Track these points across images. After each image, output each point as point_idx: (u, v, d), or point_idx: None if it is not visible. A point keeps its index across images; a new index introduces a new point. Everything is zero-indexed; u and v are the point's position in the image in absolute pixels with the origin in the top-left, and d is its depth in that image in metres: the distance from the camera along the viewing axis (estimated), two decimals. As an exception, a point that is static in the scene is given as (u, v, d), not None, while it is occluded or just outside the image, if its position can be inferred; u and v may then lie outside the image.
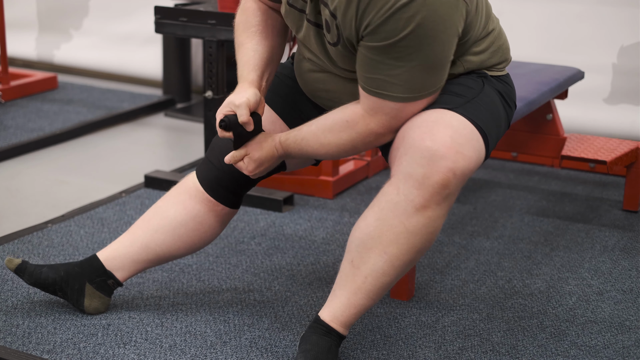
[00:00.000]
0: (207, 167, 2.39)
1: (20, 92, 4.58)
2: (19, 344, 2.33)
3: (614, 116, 3.96)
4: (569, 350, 2.36)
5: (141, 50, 5.00)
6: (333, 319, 2.17)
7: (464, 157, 2.02)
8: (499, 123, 2.20)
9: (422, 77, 2.03)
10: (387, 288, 2.14)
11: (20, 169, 3.69)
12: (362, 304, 2.15)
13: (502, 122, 2.22)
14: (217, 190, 2.38)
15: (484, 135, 2.10)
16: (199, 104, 4.66)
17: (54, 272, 2.45)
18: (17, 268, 2.44)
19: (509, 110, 2.27)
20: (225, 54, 3.30)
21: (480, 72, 2.21)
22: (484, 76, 2.20)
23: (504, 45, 2.28)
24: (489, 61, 2.22)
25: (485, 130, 2.10)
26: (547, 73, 3.19)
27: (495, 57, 2.23)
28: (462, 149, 2.02)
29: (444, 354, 2.33)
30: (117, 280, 2.45)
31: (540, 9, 4.06)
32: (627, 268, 2.84)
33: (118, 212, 3.18)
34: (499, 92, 2.23)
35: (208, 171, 2.38)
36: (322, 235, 3.03)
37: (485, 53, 2.20)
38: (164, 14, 3.25)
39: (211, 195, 2.38)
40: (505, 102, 2.25)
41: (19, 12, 5.28)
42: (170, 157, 3.93)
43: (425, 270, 2.79)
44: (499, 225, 3.13)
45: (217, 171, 2.37)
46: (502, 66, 2.27)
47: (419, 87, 2.04)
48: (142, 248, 2.42)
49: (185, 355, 2.29)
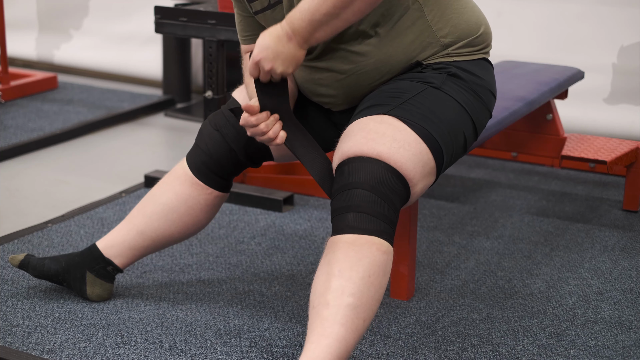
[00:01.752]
0: (195, 152, 2.43)
1: (20, 92, 4.58)
2: (19, 344, 2.33)
3: (614, 116, 3.97)
4: (569, 350, 2.36)
5: (141, 50, 5.00)
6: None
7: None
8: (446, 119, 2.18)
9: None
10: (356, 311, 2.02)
11: (20, 169, 3.69)
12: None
13: (455, 118, 2.20)
14: (206, 174, 2.41)
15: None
16: (199, 104, 4.66)
17: (56, 264, 2.52)
18: (21, 263, 2.53)
19: (477, 104, 2.25)
20: (225, 54, 3.30)
21: (444, 66, 2.21)
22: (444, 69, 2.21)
23: (471, 21, 2.25)
24: (447, 37, 2.21)
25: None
26: (547, 73, 3.19)
27: (454, 34, 2.22)
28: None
29: (444, 354, 2.33)
30: (117, 266, 2.51)
31: (540, 9, 4.06)
32: (627, 268, 2.84)
33: (118, 212, 3.18)
34: (464, 87, 2.22)
35: (197, 156, 2.42)
36: (322, 235, 3.03)
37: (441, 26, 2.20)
38: (164, 14, 3.25)
39: (200, 180, 2.42)
40: (475, 94, 2.24)
41: (19, 12, 5.28)
42: (170, 157, 3.93)
43: (425, 270, 2.79)
44: (499, 225, 3.13)
45: (205, 156, 2.41)
46: (469, 50, 2.25)
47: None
48: (138, 234, 2.48)
49: (185, 355, 2.29)
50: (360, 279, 1.98)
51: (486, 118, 2.30)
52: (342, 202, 2.05)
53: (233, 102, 2.42)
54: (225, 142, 2.39)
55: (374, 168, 2.05)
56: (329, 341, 1.94)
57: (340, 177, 2.09)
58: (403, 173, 2.07)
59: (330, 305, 1.96)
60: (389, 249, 2.03)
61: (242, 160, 2.41)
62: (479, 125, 2.28)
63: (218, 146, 2.39)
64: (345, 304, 1.96)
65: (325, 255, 2.04)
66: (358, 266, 1.98)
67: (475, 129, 2.26)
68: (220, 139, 2.39)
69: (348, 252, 2.00)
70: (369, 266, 1.99)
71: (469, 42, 2.25)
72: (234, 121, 2.38)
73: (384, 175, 2.05)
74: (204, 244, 2.93)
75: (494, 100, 2.34)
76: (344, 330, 1.95)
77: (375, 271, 2.00)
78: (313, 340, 1.95)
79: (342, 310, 1.96)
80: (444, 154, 2.16)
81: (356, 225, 2.02)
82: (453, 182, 3.53)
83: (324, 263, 2.02)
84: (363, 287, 1.98)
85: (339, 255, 2.00)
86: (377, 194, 2.03)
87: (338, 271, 1.98)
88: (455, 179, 3.56)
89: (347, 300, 1.96)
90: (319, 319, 1.97)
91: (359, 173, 2.05)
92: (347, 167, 2.08)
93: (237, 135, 2.38)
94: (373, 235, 2.01)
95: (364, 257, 1.99)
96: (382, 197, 2.04)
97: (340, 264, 1.99)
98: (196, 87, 4.86)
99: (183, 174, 2.44)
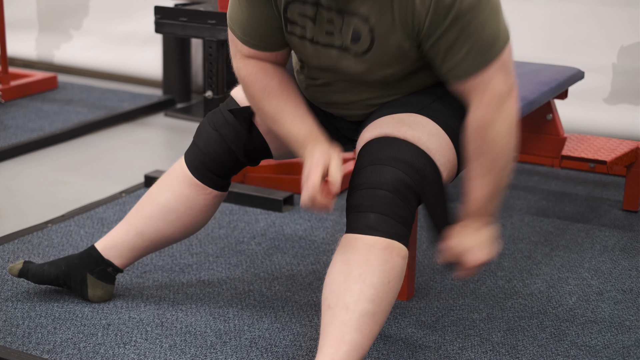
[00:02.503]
0: (194, 152, 2.41)
1: (20, 92, 4.58)
2: (19, 344, 2.33)
3: (614, 116, 3.96)
4: (569, 350, 2.36)
5: (141, 50, 5.00)
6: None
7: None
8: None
9: (496, 19, 1.97)
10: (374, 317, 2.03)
11: (20, 169, 3.69)
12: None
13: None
14: (205, 174, 2.40)
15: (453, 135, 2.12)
16: (199, 104, 4.65)
17: (55, 268, 2.51)
18: (20, 272, 2.52)
19: None
20: (225, 54, 3.30)
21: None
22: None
23: None
24: None
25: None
26: (547, 73, 3.19)
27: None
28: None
29: (444, 354, 2.33)
30: (116, 267, 2.50)
31: (540, 8, 4.06)
32: (627, 268, 2.84)
33: (118, 212, 3.18)
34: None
35: (195, 156, 2.41)
36: (322, 235, 3.03)
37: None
38: (164, 14, 3.25)
39: (199, 180, 2.40)
40: None
41: (19, 12, 5.28)
42: (170, 157, 3.93)
43: (425, 270, 2.79)
44: (499, 225, 3.13)
45: (203, 156, 2.39)
46: None
47: (498, 29, 1.98)
48: (137, 235, 2.47)
49: (185, 355, 2.29)
50: (382, 285, 1.97)
51: None
52: (363, 200, 2.02)
53: (232, 101, 2.41)
54: (224, 142, 2.38)
55: (410, 149, 2.03)
56: (347, 348, 1.94)
57: (369, 157, 2.05)
58: (437, 163, 2.08)
59: (350, 310, 1.95)
60: (406, 254, 2.03)
61: (241, 160, 2.40)
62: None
63: (217, 146, 2.38)
64: (365, 310, 1.95)
65: (342, 253, 2.01)
66: (380, 272, 1.97)
67: None
68: (219, 139, 2.38)
69: (369, 256, 1.98)
70: (390, 272, 1.98)
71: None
72: (232, 121, 2.36)
73: (427, 170, 2.05)
74: (204, 244, 2.93)
75: None
76: (361, 338, 1.95)
77: (394, 277, 1.99)
78: (331, 345, 1.94)
79: (362, 316, 1.95)
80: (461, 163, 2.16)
81: (378, 227, 1.99)
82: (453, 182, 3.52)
83: (342, 261, 2.00)
84: (383, 294, 1.97)
85: (359, 257, 1.98)
86: (400, 196, 2.01)
87: (358, 274, 1.96)
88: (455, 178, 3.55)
89: (367, 307, 1.95)
90: (337, 322, 1.95)
91: (387, 162, 2.03)
92: (378, 144, 2.05)
93: (236, 135, 2.37)
94: (393, 240, 2.00)
95: (385, 262, 1.98)
96: (404, 200, 2.02)
97: (361, 267, 1.97)
98: (196, 87, 4.86)
99: (182, 173, 2.43)
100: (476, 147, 2.06)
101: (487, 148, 2.05)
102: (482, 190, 2.10)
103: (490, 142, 2.04)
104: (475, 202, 2.12)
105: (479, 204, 2.11)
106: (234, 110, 2.33)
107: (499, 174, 2.08)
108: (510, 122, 2.04)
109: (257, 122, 2.35)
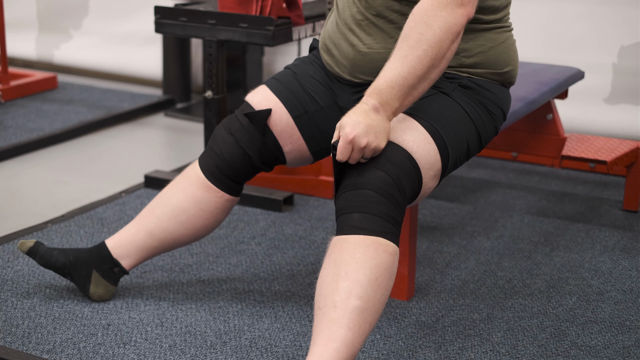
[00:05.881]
0: (209, 156, 2.43)
1: (20, 92, 4.58)
2: (19, 344, 2.33)
3: (614, 116, 3.96)
4: (569, 350, 2.36)
5: (141, 50, 5.00)
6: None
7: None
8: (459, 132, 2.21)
9: None
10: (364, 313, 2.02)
11: (20, 169, 3.69)
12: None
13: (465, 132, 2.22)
14: (219, 177, 2.41)
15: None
16: (199, 104, 4.65)
17: (64, 256, 2.52)
18: (29, 250, 2.52)
19: (485, 117, 2.27)
20: (225, 54, 3.30)
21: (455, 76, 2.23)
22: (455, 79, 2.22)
23: (500, 58, 2.28)
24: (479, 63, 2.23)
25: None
26: (547, 73, 3.19)
27: (477, 57, 2.24)
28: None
29: (444, 354, 2.33)
30: (123, 268, 2.51)
31: (540, 9, 4.06)
32: (627, 268, 2.84)
33: (118, 212, 3.18)
34: (474, 99, 2.23)
35: (210, 159, 2.42)
36: (322, 235, 3.03)
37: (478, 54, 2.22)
38: (163, 14, 3.25)
39: (212, 183, 2.42)
40: (484, 107, 2.26)
41: (19, 12, 5.28)
42: (170, 157, 3.93)
43: (425, 270, 2.79)
44: (499, 225, 3.13)
45: (219, 160, 2.41)
46: (487, 72, 2.27)
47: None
48: (147, 235, 2.48)
49: (185, 355, 2.29)
50: (369, 282, 1.97)
51: (492, 133, 2.30)
52: (347, 202, 2.04)
53: (247, 106, 2.42)
54: (239, 147, 2.39)
55: (398, 151, 2.05)
56: (337, 345, 1.93)
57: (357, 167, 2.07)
58: (420, 166, 2.09)
59: (338, 308, 1.95)
60: (395, 250, 2.03)
61: (257, 165, 2.41)
62: (485, 137, 2.28)
63: (232, 151, 2.39)
64: (352, 307, 1.95)
65: (329, 255, 2.03)
66: (365, 268, 1.97)
67: (480, 140, 2.27)
68: (235, 144, 2.39)
69: (354, 254, 1.99)
70: (375, 268, 1.98)
71: (489, 72, 2.26)
72: (247, 125, 2.38)
73: (404, 164, 2.05)
74: (204, 244, 2.93)
75: (503, 119, 2.34)
76: (351, 334, 1.95)
77: (382, 273, 1.99)
78: (320, 343, 1.95)
79: (350, 313, 1.95)
80: (449, 157, 2.16)
81: (362, 225, 2.01)
82: (453, 182, 3.53)
83: (329, 262, 2.01)
84: (370, 290, 1.97)
85: (345, 256, 1.99)
86: (383, 194, 2.03)
87: (345, 273, 1.97)
88: (455, 179, 3.56)
89: (354, 303, 1.95)
90: (326, 321, 1.96)
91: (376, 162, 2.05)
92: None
93: (252, 140, 2.38)
94: (379, 236, 2.01)
95: (371, 259, 1.98)
96: (388, 197, 2.03)
97: (347, 265, 1.98)
98: (196, 87, 4.86)
99: (195, 176, 2.43)
100: (406, 31, 2.05)
101: (417, 31, 2.02)
102: (395, 70, 2.03)
103: (422, 24, 2.02)
104: (383, 80, 2.04)
105: (386, 82, 2.03)
106: (250, 114, 2.35)
107: (419, 59, 2.02)
108: (448, 23, 2.02)
109: (271, 125, 2.37)
